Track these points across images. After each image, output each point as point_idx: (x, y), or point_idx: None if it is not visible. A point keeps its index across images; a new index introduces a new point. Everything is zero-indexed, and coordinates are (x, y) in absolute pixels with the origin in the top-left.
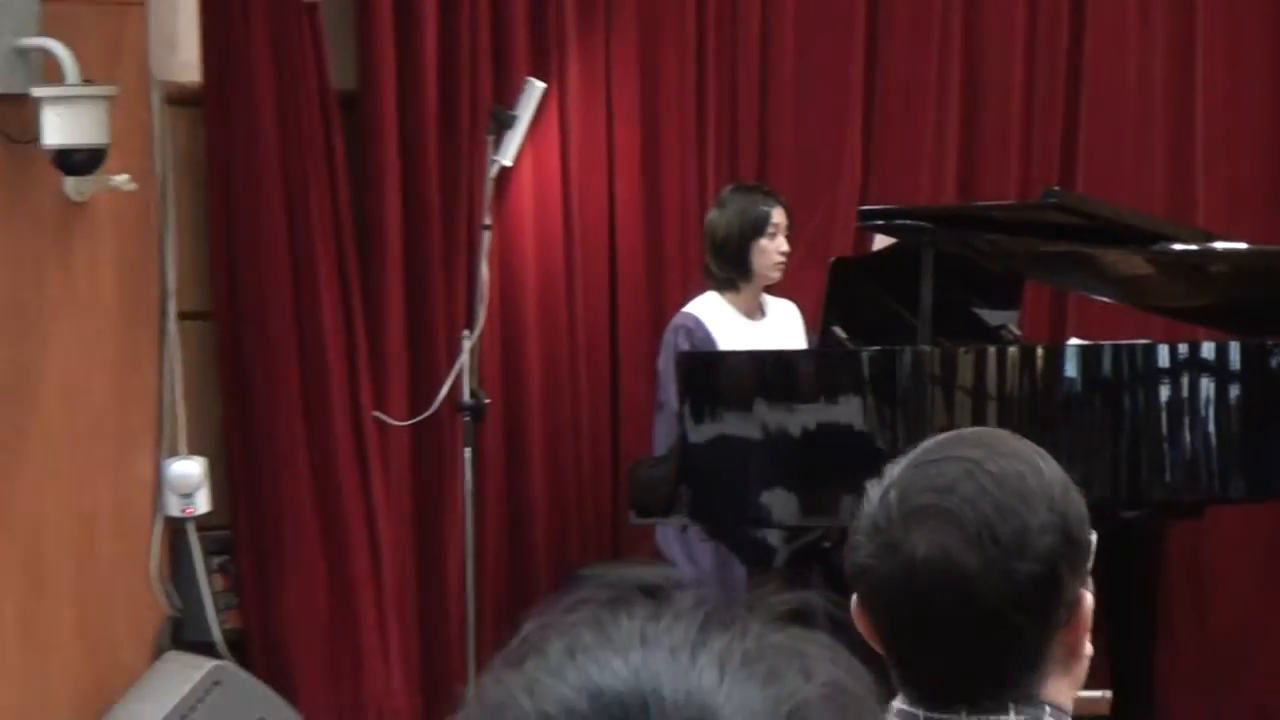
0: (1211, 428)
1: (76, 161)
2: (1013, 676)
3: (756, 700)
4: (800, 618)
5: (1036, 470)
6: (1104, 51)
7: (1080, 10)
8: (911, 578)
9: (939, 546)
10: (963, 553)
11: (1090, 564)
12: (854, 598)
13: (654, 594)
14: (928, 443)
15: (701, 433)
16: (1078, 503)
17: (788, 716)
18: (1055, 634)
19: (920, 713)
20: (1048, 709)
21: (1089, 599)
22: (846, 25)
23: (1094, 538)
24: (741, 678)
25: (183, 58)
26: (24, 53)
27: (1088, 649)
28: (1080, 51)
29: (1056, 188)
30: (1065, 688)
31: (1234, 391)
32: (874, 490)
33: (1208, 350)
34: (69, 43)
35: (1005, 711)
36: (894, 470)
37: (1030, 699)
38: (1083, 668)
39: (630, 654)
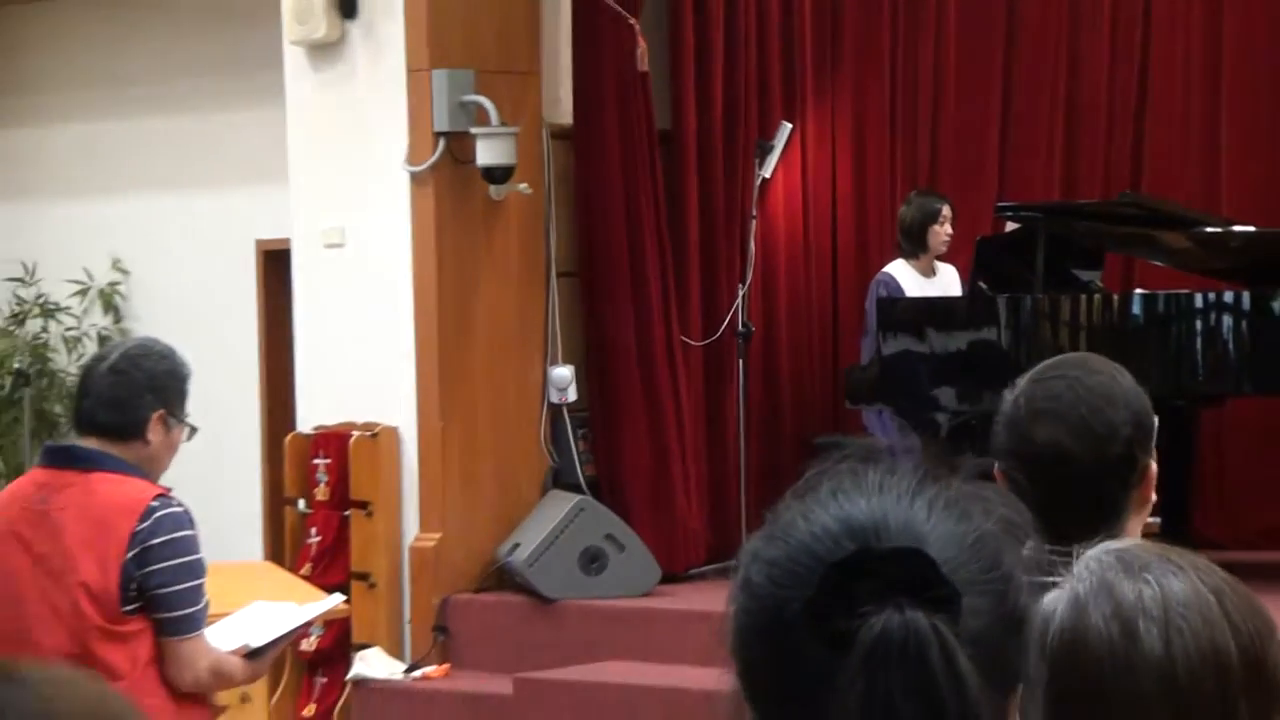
0: (1230, 347)
1: (496, 175)
2: (1105, 522)
3: (952, 530)
4: (982, 475)
5: (1117, 382)
6: (1161, 94)
7: (1146, 70)
8: (1036, 459)
9: (1052, 437)
10: (1069, 441)
11: (1154, 442)
12: (996, 466)
13: (891, 456)
14: (1043, 364)
15: (892, 348)
16: (1145, 401)
17: (974, 542)
18: (1132, 491)
19: (1045, 546)
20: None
21: (1153, 466)
22: (987, 88)
23: (1155, 421)
24: (943, 515)
25: (562, 108)
26: (466, 105)
27: (1152, 498)
28: (1146, 97)
29: (1129, 190)
30: (1138, 524)
31: (1244, 324)
32: (1008, 396)
33: (1228, 296)
34: (492, 98)
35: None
36: (1021, 383)
37: (1116, 536)
38: (1149, 509)
39: (871, 496)
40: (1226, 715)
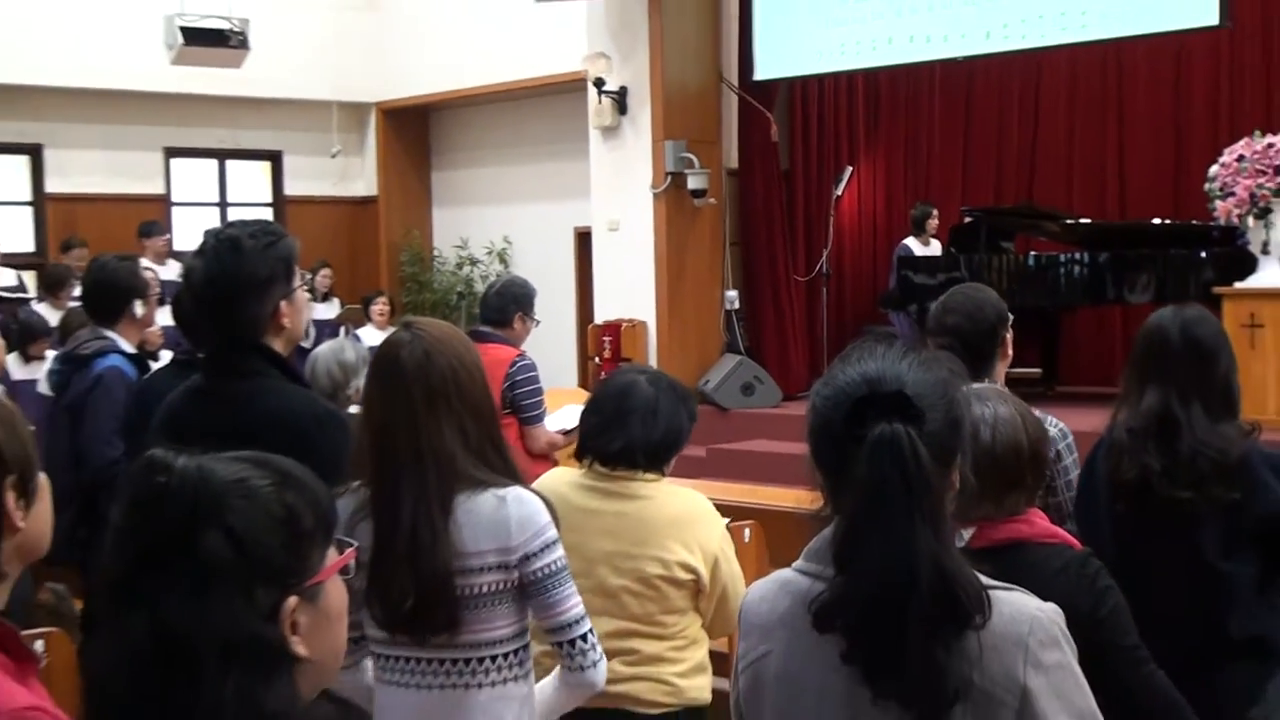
0: (1076, 280)
1: (697, 194)
2: (984, 366)
3: (923, 377)
4: (940, 348)
5: (988, 295)
6: (1043, 150)
7: (1035, 136)
8: (947, 334)
9: (955, 322)
10: (963, 324)
11: (1010, 325)
12: (929, 339)
13: (892, 339)
14: (950, 290)
15: (905, 283)
16: (1003, 305)
17: (933, 383)
18: (998, 349)
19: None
20: (997, 382)
21: (1009, 334)
22: (955, 146)
23: (1010, 315)
24: (918, 369)
25: (732, 159)
26: (681, 158)
27: (1010, 354)
28: (1035, 152)
29: (1027, 200)
30: (1003, 367)
31: (1084, 269)
32: (934, 304)
33: (1076, 255)
34: (696, 155)
35: (980, 379)
36: (941, 298)
37: (990, 377)
38: (1008, 360)
39: (878, 360)
40: (1020, 477)
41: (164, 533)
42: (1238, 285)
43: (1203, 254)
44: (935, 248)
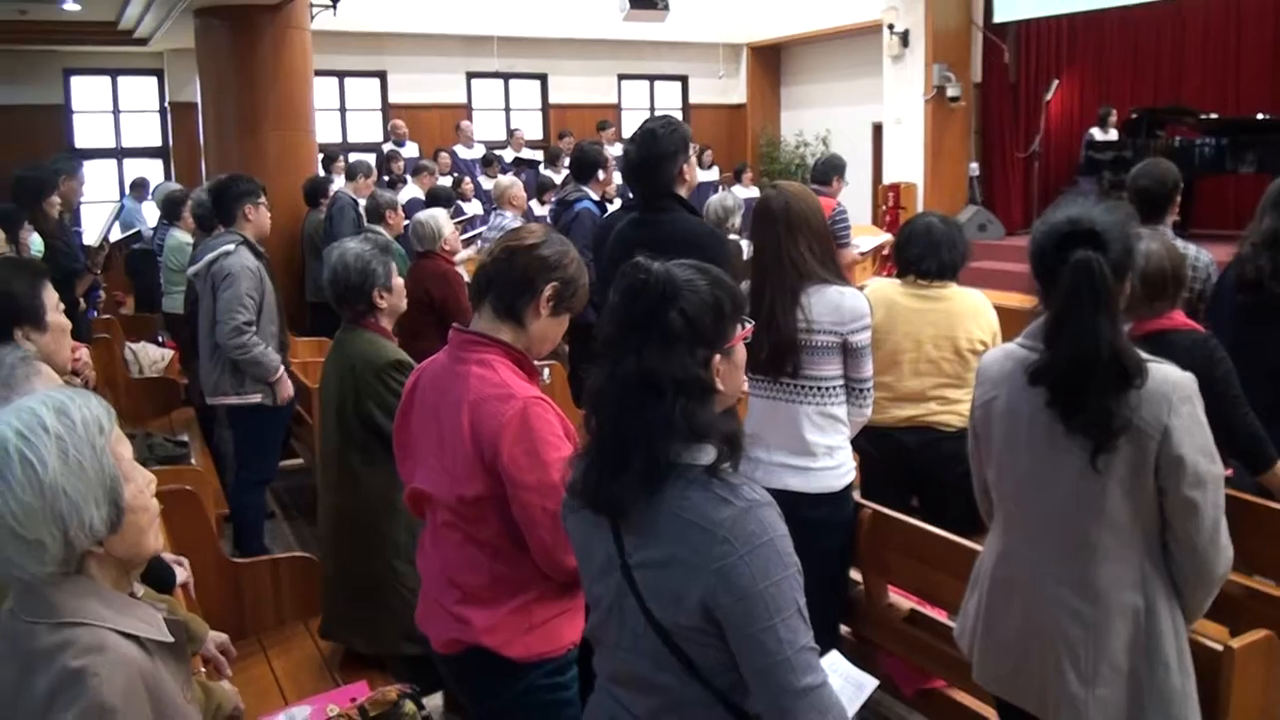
0: (1208, 159)
1: (951, 99)
2: (1160, 216)
3: (1109, 219)
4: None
5: (1169, 166)
6: (1190, 61)
7: (1183, 50)
8: (1138, 192)
9: (1144, 184)
10: (1151, 185)
11: (1180, 189)
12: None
13: (1086, 195)
14: (1145, 161)
15: (1089, 157)
16: (1178, 173)
17: (1116, 222)
18: (1171, 204)
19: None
20: (1167, 227)
21: (1179, 196)
22: (1123, 65)
23: (1182, 183)
24: (1106, 213)
25: (978, 76)
26: (943, 75)
27: (1177, 207)
28: (1183, 64)
29: (1175, 102)
30: (1170, 218)
31: (1213, 150)
32: (1133, 170)
33: (1207, 140)
34: (953, 74)
35: (1158, 225)
36: (1136, 166)
37: (1163, 224)
38: (1176, 212)
39: (1078, 207)
40: (1163, 290)
41: (644, 309)
42: None
43: None
44: (1113, 135)
